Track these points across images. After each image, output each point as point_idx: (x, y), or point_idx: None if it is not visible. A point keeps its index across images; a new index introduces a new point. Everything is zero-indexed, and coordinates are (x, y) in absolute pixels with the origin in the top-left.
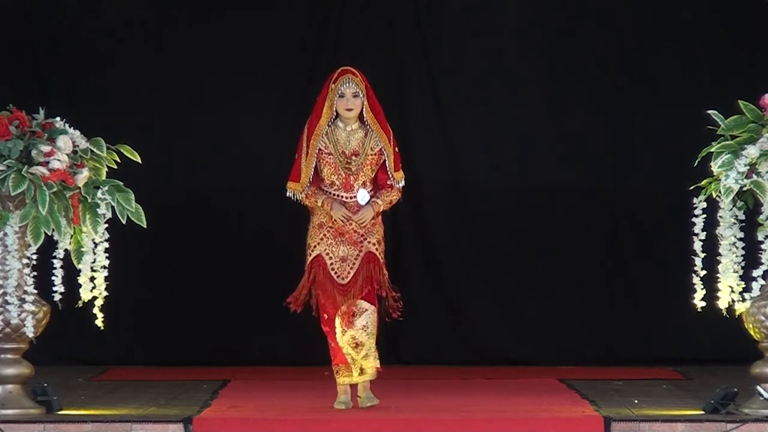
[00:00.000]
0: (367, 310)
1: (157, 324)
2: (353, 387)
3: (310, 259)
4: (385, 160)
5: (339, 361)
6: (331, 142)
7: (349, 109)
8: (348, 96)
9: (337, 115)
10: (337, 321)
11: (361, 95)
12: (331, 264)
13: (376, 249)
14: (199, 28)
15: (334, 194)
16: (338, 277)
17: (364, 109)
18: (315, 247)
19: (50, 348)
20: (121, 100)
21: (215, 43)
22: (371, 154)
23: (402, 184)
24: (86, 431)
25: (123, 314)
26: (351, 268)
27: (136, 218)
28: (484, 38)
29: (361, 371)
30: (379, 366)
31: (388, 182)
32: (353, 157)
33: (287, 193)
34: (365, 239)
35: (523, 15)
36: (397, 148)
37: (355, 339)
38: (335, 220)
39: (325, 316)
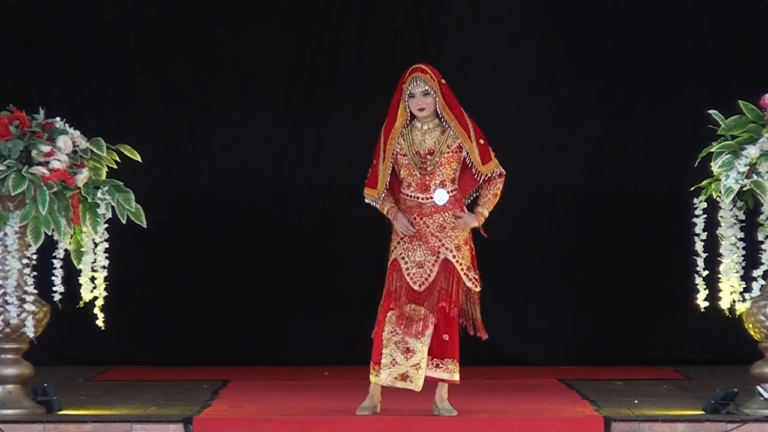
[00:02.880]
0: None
1: (157, 324)
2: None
3: (389, 264)
4: (466, 158)
5: (374, 359)
6: (407, 142)
7: (421, 109)
8: (418, 95)
9: (413, 115)
10: (390, 318)
11: (432, 93)
12: (407, 269)
13: (454, 257)
14: (198, 27)
15: (411, 196)
16: (415, 283)
17: (438, 106)
18: (392, 251)
19: (50, 348)
20: (121, 100)
21: (215, 43)
22: (448, 152)
23: (498, 170)
24: (86, 431)
25: (123, 314)
26: (428, 275)
27: (136, 218)
28: (485, 38)
29: (403, 377)
30: (455, 379)
31: (477, 179)
32: (428, 156)
33: (365, 200)
34: (443, 244)
35: (524, 15)
36: (483, 140)
37: (407, 344)
38: (411, 224)
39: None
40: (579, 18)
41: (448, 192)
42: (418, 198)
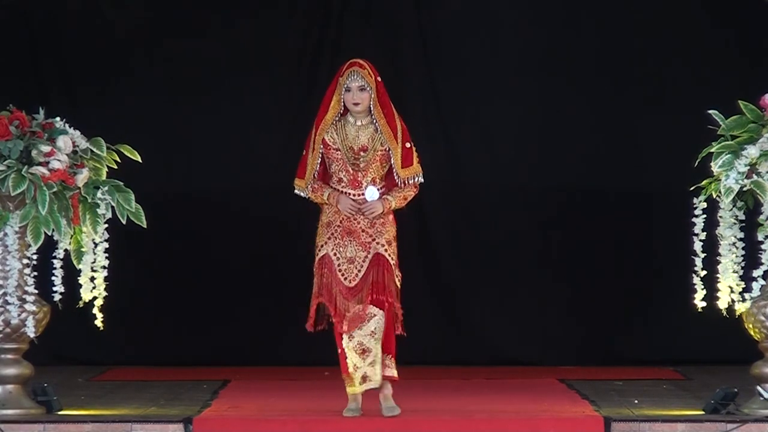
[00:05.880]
0: (375, 315)
1: (157, 324)
2: (364, 394)
3: (317, 259)
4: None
5: (344, 370)
6: (339, 137)
7: (356, 104)
8: (354, 90)
9: (348, 109)
10: (345, 326)
11: (368, 88)
12: (339, 265)
13: (386, 250)
14: (199, 27)
15: (342, 191)
16: (345, 279)
17: (371, 104)
18: (322, 246)
19: (50, 348)
20: (121, 101)
21: (215, 43)
22: (381, 150)
23: (416, 179)
24: (86, 431)
25: (123, 314)
26: (359, 271)
27: (136, 218)
28: (484, 38)
29: (364, 379)
30: (393, 375)
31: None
32: (361, 153)
33: (295, 191)
34: (374, 240)
35: (523, 15)
36: (409, 144)
37: (363, 345)
38: (345, 218)
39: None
40: (579, 17)
41: (378, 189)
42: (349, 194)
